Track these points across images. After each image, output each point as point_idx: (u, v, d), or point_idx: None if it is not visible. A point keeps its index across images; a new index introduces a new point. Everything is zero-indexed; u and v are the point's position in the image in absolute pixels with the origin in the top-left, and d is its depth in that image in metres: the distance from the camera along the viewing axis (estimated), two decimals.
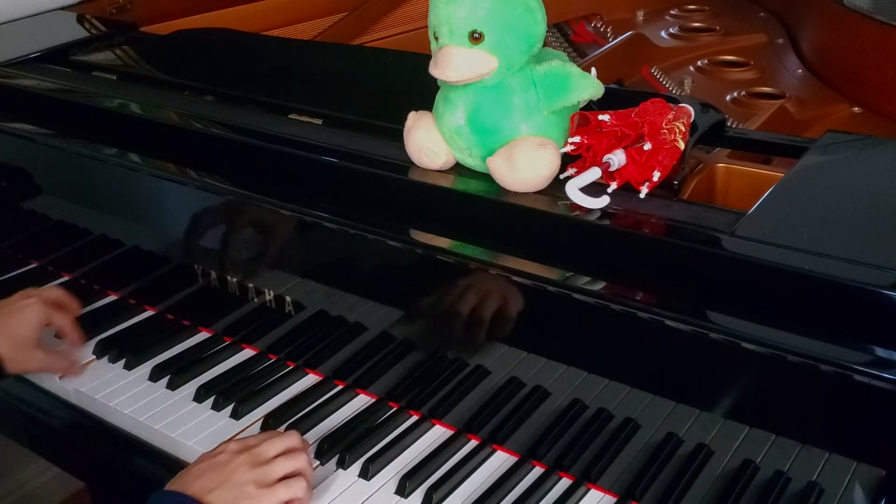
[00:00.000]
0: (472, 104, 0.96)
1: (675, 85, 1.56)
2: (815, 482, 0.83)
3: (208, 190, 1.18)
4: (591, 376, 0.94)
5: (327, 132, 1.14)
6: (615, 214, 0.91)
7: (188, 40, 1.53)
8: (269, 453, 0.95)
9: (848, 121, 1.43)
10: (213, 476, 0.93)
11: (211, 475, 0.93)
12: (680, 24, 1.84)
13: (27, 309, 1.15)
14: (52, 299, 1.19)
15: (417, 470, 1.01)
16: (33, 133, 1.36)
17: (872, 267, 0.78)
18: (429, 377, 1.07)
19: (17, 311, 1.15)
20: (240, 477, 0.92)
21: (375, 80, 1.30)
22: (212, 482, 0.92)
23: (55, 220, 1.40)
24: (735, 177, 1.05)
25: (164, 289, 1.31)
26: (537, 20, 0.94)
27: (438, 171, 1.01)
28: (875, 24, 1.45)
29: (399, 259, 1.03)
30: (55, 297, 1.21)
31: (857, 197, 0.91)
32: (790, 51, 1.69)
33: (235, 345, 1.24)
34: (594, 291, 0.89)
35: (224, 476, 0.92)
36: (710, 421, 0.88)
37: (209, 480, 0.92)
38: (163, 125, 1.25)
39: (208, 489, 0.91)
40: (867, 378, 0.76)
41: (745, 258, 0.83)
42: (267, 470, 0.94)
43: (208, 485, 0.92)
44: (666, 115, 0.95)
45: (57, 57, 1.49)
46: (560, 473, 0.99)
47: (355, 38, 1.71)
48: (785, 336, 0.79)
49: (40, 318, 1.16)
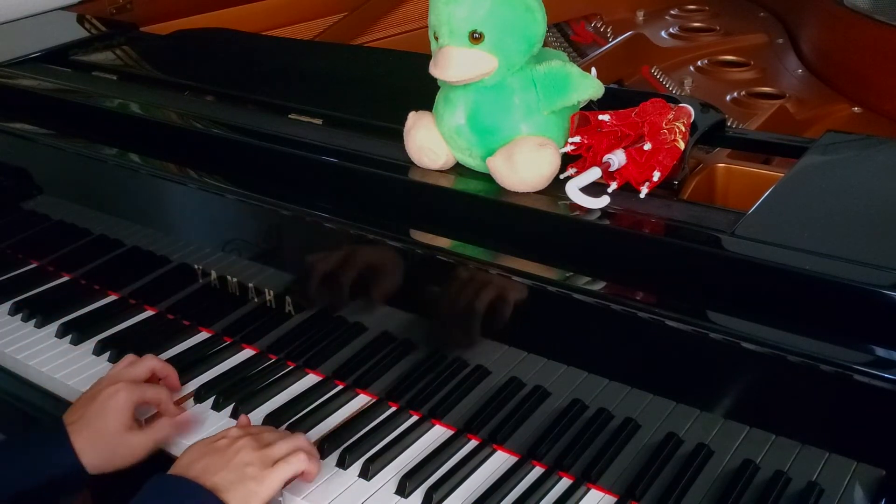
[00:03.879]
0: (472, 104, 0.96)
1: (675, 85, 1.56)
2: (815, 482, 0.83)
3: (208, 190, 1.18)
4: (591, 376, 0.94)
5: (327, 132, 1.14)
6: (615, 214, 0.91)
7: (188, 40, 1.53)
8: (270, 437, 0.97)
9: (848, 121, 1.43)
10: (215, 459, 0.93)
11: (212, 458, 0.93)
12: (680, 24, 1.84)
13: (111, 402, 1.04)
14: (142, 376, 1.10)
15: (417, 470, 1.01)
16: (33, 133, 1.36)
17: (872, 267, 0.79)
18: (429, 377, 1.07)
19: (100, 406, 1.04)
20: (242, 458, 0.93)
21: (375, 80, 1.30)
22: (213, 465, 0.92)
23: (55, 220, 1.40)
24: (735, 177, 1.05)
25: (164, 289, 1.31)
26: (537, 20, 0.94)
27: (438, 171, 1.01)
28: (875, 24, 1.45)
29: (399, 259, 1.03)
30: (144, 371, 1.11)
31: (857, 197, 0.91)
32: (790, 51, 1.69)
33: (235, 345, 1.24)
34: (594, 291, 0.89)
35: (226, 459, 0.93)
36: (710, 421, 0.88)
37: (210, 464, 0.92)
38: (163, 125, 1.25)
39: (210, 472, 0.91)
40: (867, 378, 0.76)
41: (745, 258, 0.83)
42: (267, 452, 0.95)
43: (210, 468, 0.92)
44: (666, 115, 0.95)
45: (57, 57, 1.49)
46: (560, 473, 0.99)
47: (355, 38, 1.71)
48: (785, 336, 0.79)
49: (128, 406, 1.04)
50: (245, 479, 0.91)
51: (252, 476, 0.92)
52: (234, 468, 0.92)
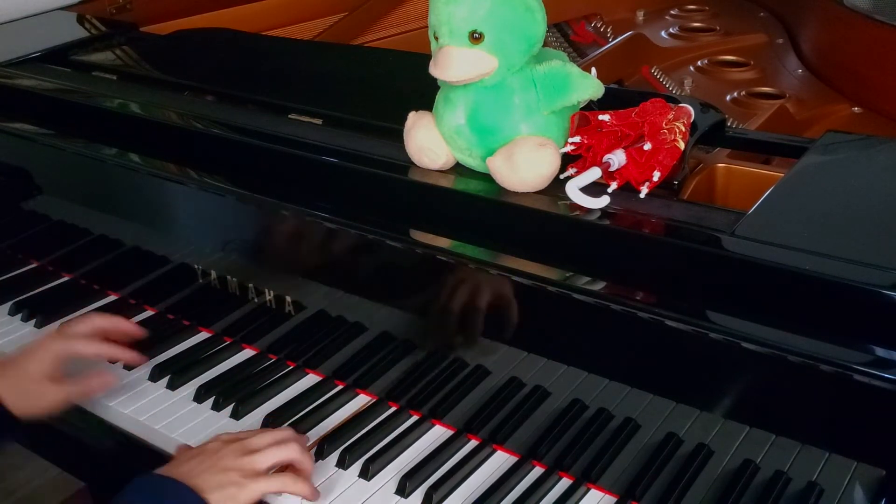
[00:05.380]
0: (472, 104, 0.96)
1: (675, 85, 1.56)
2: (815, 482, 0.83)
3: (208, 190, 1.18)
4: (591, 376, 0.94)
5: (327, 132, 1.14)
6: (615, 214, 0.91)
7: (188, 40, 1.53)
8: (259, 444, 0.97)
9: (848, 121, 1.43)
10: (202, 460, 0.94)
11: (199, 460, 0.95)
12: (680, 24, 1.84)
13: (34, 347, 1.09)
14: (80, 331, 1.13)
15: (417, 470, 1.01)
16: (33, 133, 1.36)
17: (872, 267, 0.79)
18: (429, 377, 1.07)
19: (27, 353, 1.09)
20: (227, 463, 0.94)
21: (375, 80, 1.30)
22: (199, 466, 0.94)
23: (55, 220, 1.40)
24: (735, 177, 1.05)
25: (164, 289, 1.31)
26: (537, 20, 0.94)
27: (438, 171, 1.01)
28: (875, 24, 1.45)
29: (399, 259, 1.03)
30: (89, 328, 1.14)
31: (857, 197, 0.91)
32: (790, 51, 1.69)
33: (235, 345, 1.24)
34: (594, 291, 0.89)
35: (212, 461, 0.94)
36: (710, 421, 0.88)
37: (197, 465, 0.94)
38: (163, 125, 1.24)
39: (195, 473, 0.93)
40: (867, 378, 0.76)
41: (745, 258, 0.83)
42: (254, 459, 0.95)
43: (195, 469, 0.93)
44: (666, 115, 0.95)
45: (57, 57, 1.49)
46: (560, 473, 0.99)
47: (355, 38, 1.71)
48: (785, 336, 0.79)
49: (53, 354, 1.09)
50: (225, 484, 0.92)
51: (233, 482, 0.93)
52: (217, 471, 0.93)
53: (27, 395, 1.06)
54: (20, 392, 1.06)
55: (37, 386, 1.07)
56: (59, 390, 1.08)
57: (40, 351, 1.09)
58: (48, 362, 1.08)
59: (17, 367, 1.07)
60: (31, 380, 1.07)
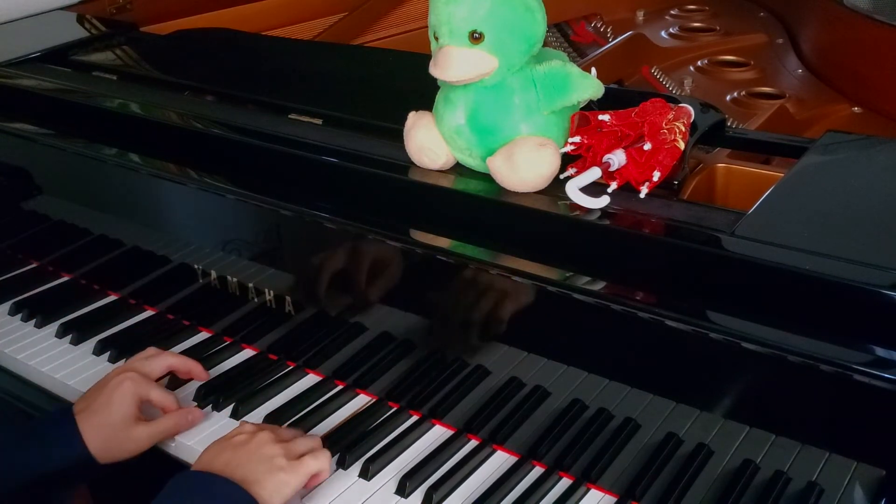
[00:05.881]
0: (472, 104, 0.96)
1: (675, 85, 1.56)
2: (815, 482, 0.83)
3: (208, 190, 1.18)
4: (591, 376, 0.94)
5: (327, 132, 1.14)
6: (615, 214, 0.91)
7: (188, 40, 1.53)
8: (286, 434, 0.98)
9: (848, 121, 1.43)
10: (238, 453, 0.93)
11: (234, 453, 0.93)
12: (680, 24, 1.84)
13: (116, 393, 1.05)
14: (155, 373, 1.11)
15: (417, 470, 1.01)
16: (33, 133, 1.36)
17: (872, 267, 0.78)
18: (429, 377, 1.07)
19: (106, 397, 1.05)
20: (268, 450, 0.93)
21: (375, 80, 1.30)
22: (238, 458, 0.92)
23: (55, 220, 1.40)
24: (735, 177, 1.05)
25: (164, 289, 1.31)
26: (537, 20, 0.94)
27: (438, 171, 1.01)
28: (875, 24, 1.45)
29: (399, 259, 1.03)
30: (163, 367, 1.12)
31: (857, 197, 0.91)
32: (790, 51, 1.69)
33: (235, 345, 1.24)
34: (594, 291, 0.89)
35: (250, 451, 0.93)
36: (710, 421, 0.88)
37: (234, 457, 0.93)
38: (163, 125, 1.24)
39: (235, 464, 0.91)
40: (867, 378, 0.76)
41: (745, 258, 0.83)
42: (290, 445, 0.96)
43: (233, 462, 0.92)
44: (666, 115, 0.95)
45: (57, 57, 1.49)
46: (560, 473, 1.00)
47: (355, 38, 1.71)
48: (785, 336, 0.79)
49: (134, 397, 1.06)
50: (274, 470, 0.92)
51: (281, 467, 0.92)
52: (261, 460, 0.92)
53: (114, 440, 1.03)
54: (107, 438, 1.03)
55: (124, 431, 1.04)
56: (144, 431, 1.05)
57: (119, 394, 1.05)
58: (130, 406, 1.05)
59: (100, 415, 1.03)
60: (118, 427, 1.04)
